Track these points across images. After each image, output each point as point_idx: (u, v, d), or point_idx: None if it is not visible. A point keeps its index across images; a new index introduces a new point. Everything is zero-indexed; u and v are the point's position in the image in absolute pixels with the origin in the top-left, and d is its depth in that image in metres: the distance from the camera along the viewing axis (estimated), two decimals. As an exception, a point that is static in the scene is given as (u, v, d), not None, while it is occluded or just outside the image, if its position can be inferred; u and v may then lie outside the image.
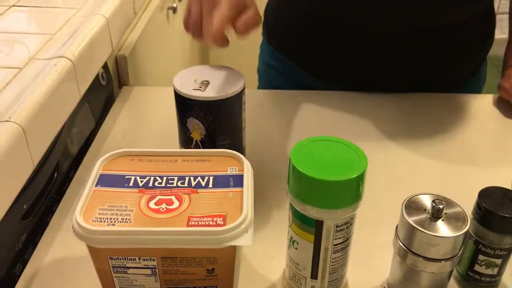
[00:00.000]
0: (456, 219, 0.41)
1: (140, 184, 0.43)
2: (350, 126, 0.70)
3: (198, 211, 0.40)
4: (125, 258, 0.40)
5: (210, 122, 0.53)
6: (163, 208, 0.40)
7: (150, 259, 0.40)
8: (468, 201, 0.44)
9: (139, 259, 0.40)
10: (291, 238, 0.42)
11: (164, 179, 0.44)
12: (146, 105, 0.75)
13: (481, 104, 0.76)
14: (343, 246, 0.41)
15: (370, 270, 0.48)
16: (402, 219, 0.42)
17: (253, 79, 0.87)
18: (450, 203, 0.42)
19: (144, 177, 0.44)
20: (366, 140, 0.66)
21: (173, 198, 0.42)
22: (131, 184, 0.43)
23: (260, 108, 0.74)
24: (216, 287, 0.42)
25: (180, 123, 0.54)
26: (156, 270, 0.41)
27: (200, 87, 0.52)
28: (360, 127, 0.70)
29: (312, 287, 0.43)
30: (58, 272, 0.48)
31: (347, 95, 0.76)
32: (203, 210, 0.40)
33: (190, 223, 0.39)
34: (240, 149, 0.56)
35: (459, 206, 0.42)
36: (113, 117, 0.72)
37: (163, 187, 0.43)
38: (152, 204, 0.41)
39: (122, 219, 0.39)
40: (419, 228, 0.40)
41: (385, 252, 0.46)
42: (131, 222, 0.39)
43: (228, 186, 0.43)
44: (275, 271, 0.48)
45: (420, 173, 0.62)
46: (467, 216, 0.41)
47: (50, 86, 0.53)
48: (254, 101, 0.73)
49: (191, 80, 0.54)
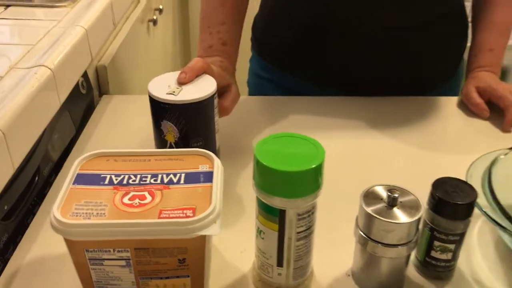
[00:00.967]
0: (410, 207, 0.44)
1: (115, 182, 0.45)
2: (325, 126, 0.73)
3: (169, 205, 0.43)
4: (100, 250, 0.42)
5: (183, 125, 0.56)
6: (136, 203, 0.43)
7: (124, 250, 0.42)
8: (426, 191, 0.47)
9: (113, 250, 0.42)
10: (258, 228, 0.45)
11: (138, 177, 0.46)
12: (125, 112, 0.78)
13: (449, 105, 0.79)
14: (306, 234, 0.44)
15: (335, 259, 0.51)
16: (361, 209, 0.45)
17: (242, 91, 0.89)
18: (404, 192, 0.45)
19: (118, 175, 0.46)
20: (335, 137, 0.70)
21: (146, 193, 0.44)
22: (106, 182, 0.45)
23: (248, 114, 0.76)
24: (188, 276, 0.45)
25: (155, 126, 0.57)
26: (130, 261, 0.43)
27: (173, 91, 0.55)
28: (334, 126, 0.73)
29: (279, 274, 0.46)
30: (38, 270, 0.50)
31: (330, 99, 0.80)
32: (174, 204, 0.43)
33: (161, 216, 0.41)
34: (214, 150, 0.59)
35: (413, 195, 0.45)
36: (93, 124, 0.75)
37: (136, 184, 0.45)
38: (126, 200, 0.43)
39: (97, 213, 0.42)
40: (376, 216, 0.43)
41: (349, 242, 0.49)
42: (105, 216, 0.41)
43: (198, 182, 0.46)
44: (246, 263, 0.50)
45: (383, 166, 0.65)
46: (420, 204, 0.44)
47: (31, 93, 0.56)
48: (243, 107, 0.76)
49: (165, 85, 0.57)
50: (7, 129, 0.50)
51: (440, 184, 0.46)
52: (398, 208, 0.44)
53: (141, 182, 0.45)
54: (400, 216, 0.43)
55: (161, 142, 0.57)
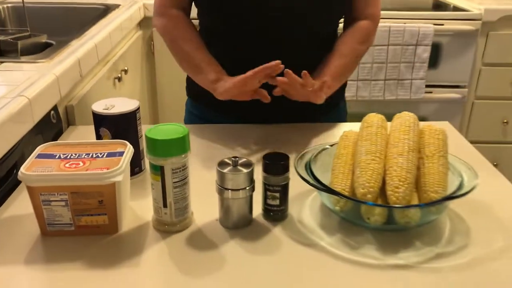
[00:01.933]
0: (245, 166, 0.71)
1: (62, 157, 0.72)
2: (231, 142, 1.01)
3: (94, 167, 0.69)
4: (49, 194, 0.68)
5: (114, 130, 0.83)
6: (72, 166, 0.69)
7: (64, 194, 0.68)
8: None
9: (57, 194, 0.68)
10: (152, 184, 0.71)
11: (77, 154, 0.73)
12: (84, 136, 1.05)
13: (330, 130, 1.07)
14: (180, 184, 0.70)
15: (210, 209, 0.76)
16: (217, 170, 0.71)
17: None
18: (243, 159, 0.72)
19: (64, 154, 0.73)
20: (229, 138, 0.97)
21: (80, 162, 0.70)
22: (56, 157, 0.72)
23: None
24: (105, 214, 0.70)
25: (96, 132, 0.84)
26: (68, 202, 0.69)
27: (108, 108, 0.83)
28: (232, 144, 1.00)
29: (165, 213, 0.71)
30: (12, 220, 0.75)
31: (238, 126, 1.08)
32: (97, 166, 0.69)
33: (87, 171, 0.68)
34: (138, 150, 0.86)
35: (249, 160, 0.72)
36: (60, 144, 1.01)
37: (74, 158, 0.71)
38: (67, 165, 0.70)
39: (48, 171, 0.68)
40: (225, 171, 0.70)
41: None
42: (52, 171, 0.68)
43: (115, 156, 0.72)
44: (150, 215, 0.76)
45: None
46: (252, 163, 0.71)
47: (13, 112, 0.83)
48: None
49: (103, 105, 0.84)
50: (-5, 129, 0.77)
51: (268, 155, 0.73)
52: (238, 166, 0.70)
53: (77, 157, 0.72)
54: (239, 170, 0.70)
55: (100, 143, 0.84)
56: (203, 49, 1.03)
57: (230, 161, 0.71)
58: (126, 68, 1.58)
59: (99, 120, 0.82)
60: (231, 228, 0.73)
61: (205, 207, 0.76)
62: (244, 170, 0.70)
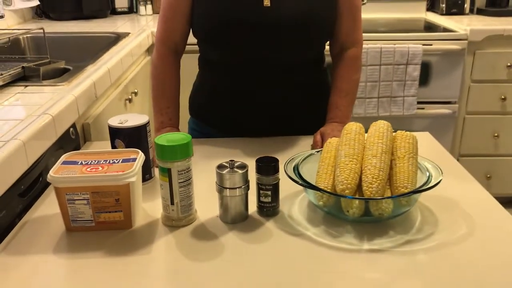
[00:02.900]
0: (241, 168, 0.82)
1: (84, 163, 0.84)
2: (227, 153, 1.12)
3: (111, 170, 0.81)
4: (73, 194, 0.79)
5: (127, 141, 0.95)
6: (93, 170, 0.81)
7: (86, 193, 0.80)
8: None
9: (80, 193, 0.80)
10: (160, 184, 0.82)
11: (96, 161, 0.84)
12: (98, 149, 1.17)
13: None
14: (185, 184, 0.81)
15: (211, 207, 0.87)
16: (216, 172, 0.82)
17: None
18: (239, 162, 0.83)
19: (86, 161, 0.85)
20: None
21: (99, 167, 0.82)
22: (78, 163, 0.84)
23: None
24: (121, 211, 0.81)
25: (111, 143, 0.96)
26: (89, 201, 0.80)
27: (121, 122, 0.95)
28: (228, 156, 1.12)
29: (172, 210, 0.82)
30: (40, 221, 0.86)
31: (235, 139, 1.20)
32: (113, 169, 0.81)
33: (105, 174, 0.79)
34: (148, 159, 0.98)
35: (245, 163, 0.83)
36: (78, 157, 1.13)
37: (94, 164, 0.83)
38: (88, 169, 0.81)
39: (72, 174, 0.80)
40: (222, 172, 0.81)
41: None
42: (76, 174, 0.79)
43: (129, 161, 0.84)
44: (159, 214, 0.87)
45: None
46: (246, 166, 0.82)
47: (41, 126, 0.96)
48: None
49: (117, 120, 0.97)
50: (26, 141, 0.89)
51: (260, 158, 0.85)
52: (235, 168, 0.82)
53: (97, 163, 0.84)
54: (235, 171, 0.81)
55: (115, 153, 0.96)
56: (168, 98, 1.20)
57: (227, 164, 0.83)
58: (136, 90, 1.72)
59: (114, 132, 0.95)
60: (230, 223, 0.84)
61: (207, 205, 0.88)
62: (240, 171, 0.81)
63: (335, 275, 0.72)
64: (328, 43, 1.24)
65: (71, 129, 1.16)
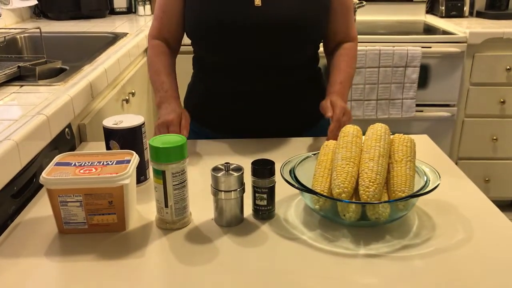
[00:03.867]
0: (236, 171, 0.81)
1: (77, 165, 0.83)
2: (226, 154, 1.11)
3: (104, 172, 0.80)
4: (66, 196, 0.78)
5: (122, 143, 0.94)
6: (87, 171, 0.80)
7: (79, 195, 0.79)
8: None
9: (73, 195, 0.78)
10: (155, 186, 0.81)
11: (90, 162, 0.83)
12: (94, 150, 1.16)
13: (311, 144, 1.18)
14: (179, 187, 0.80)
15: (206, 210, 0.86)
16: (211, 175, 0.81)
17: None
18: (234, 165, 0.82)
19: (79, 162, 0.83)
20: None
21: (93, 168, 0.81)
22: (72, 165, 0.83)
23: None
24: (114, 214, 0.80)
25: (106, 145, 0.95)
26: (82, 203, 0.79)
27: (116, 123, 0.94)
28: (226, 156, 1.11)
29: (166, 213, 0.81)
30: (32, 222, 0.85)
31: (230, 140, 1.19)
32: (107, 171, 0.80)
33: (99, 175, 0.78)
34: (143, 160, 0.97)
35: (241, 166, 0.82)
36: (73, 158, 1.12)
37: (88, 165, 0.82)
38: (81, 171, 0.80)
39: (65, 175, 0.78)
40: (217, 175, 0.80)
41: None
42: (69, 176, 0.78)
43: (123, 163, 0.83)
44: (153, 216, 0.86)
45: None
46: (242, 168, 0.81)
47: (34, 127, 0.95)
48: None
49: (112, 121, 0.96)
50: (20, 141, 0.88)
51: (256, 161, 0.84)
52: (230, 171, 0.81)
53: (90, 164, 0.83)
54: (230, 174, 0.80)
55: (110, 154, 0.95)
56: (161, 74, 1.18)
57: (223, 166, 0.82)
58: (133, 91, 1.71)
59: (109, 133, 0.94)
60: (224, 226, 0.83)
61: (202, 208, 0.87)
62: (235, 174, 0.80)
63: (330, 281, 0.71)
64: (322, 43, 1.24)
65: (67, 129, 1.15)
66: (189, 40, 1.21)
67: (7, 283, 0.71)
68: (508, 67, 2.14)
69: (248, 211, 0.86)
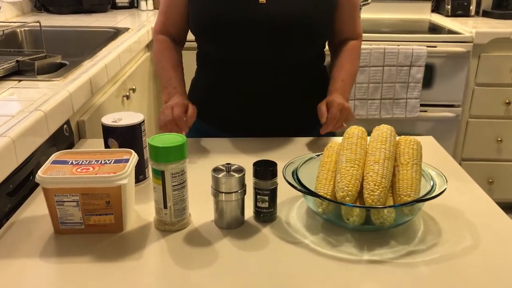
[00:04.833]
0: (237, 172, 0.79)
1: (74, 163, 0.80)
2: (229, 152, 1.09)
3: (102, 171, 0.77)
4: (62, 195, 0.76)
5: (121, 141, 0.92)
6: (84, 170, 0.78)
7: (75, 195, 0.76)
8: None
9: (69, 195, 0.76)
10: (153, 187, 0.79)
11: (87, 161, 0.81)
12: (93, 148, 1.13)
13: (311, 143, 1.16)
14: (179, 187, 0.78)
15: (206, 211, 0.84)
16: (212, 175, 0.79)
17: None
18: (236, 165, 0.80)
19: (76, 161, 0.81)
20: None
21: (90, 168, 0.79)
22: (69, 163, 0.80)
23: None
24: (112, 214, 0.78)
25: (104, 143, 0.93)
26: (79, 203, 0.77)
27: (115, 121, 0.92)
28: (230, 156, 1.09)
29: (165, 214, 0.79)
30: (28, 221, 0.83)
31: (232, 139, 1.16)
32: (105, 171, 0.78)
33: (96, 175, 0.76)
34: (142, 159, 0.94)
35: (242, 167, 0.80)
36: (71, 155, 1.10)
37: (85, 164, 0.80)
38: (78, 170, 0.78)
39: (62, 174, 0.76)
40: (218, 176, 0.78)
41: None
42: (66, 175, 0.76)
43: (121, 162, 0.81)
44: (152, 217, 0.84)
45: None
46: (243, 169, 0.79)
47: (32, 123, 0.93)
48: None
49: (111, 118, 0.93)
50: (16, 138, 0.86)
51: (258, 162, 0.81)
52: (231, 172, 0.79)
53: (88, 163, 0.80)
54: (231, 175, 0.78)
55: (108, 152, 0.93)
56: (169, 70, 1.18)
57: (223, 167, 0.80)
58: (134, 87, 1.68)
59: (108, 131, 0.91)
60: (225, 228, 0.81)
61: (201, 209, 0.84)
62: (236, 175, 0.78)
63: (333, 287, 0.69)
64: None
65: (65, 126, 1.13)
66: (193, 36, 1.19)
67: (0, 284, 0.69)
68: (514, 68, 2.11)
69: (249, 213, 0.84)
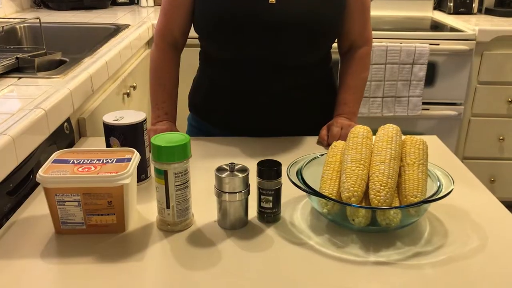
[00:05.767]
0: (241, 172, 0.77)
1: (75, 162, 0.79)
2: (230, 152, 1.08)
3: (104, 171, 0.76)
4: (63, 195, 0.75)
5: (123, 140, 0.90)
6: (85, 170, 0.76)
7: (77, 195, 0.75)
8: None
9: (71, 195, 0.75)
10: (156, 187, 0.78)
11: (89, 160, 0.80)
12: (94, 146, 1.13)
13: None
14: (182, 187, 0.77)
15: (209, 211, 0.82)
16: (215, 175, 0.78)
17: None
18: (239, 165, 0.78)
19: (78, 160, 0.80)
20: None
21: (92, 167, 0.78)
22: (70, 162, 0.79)
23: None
24: (114, 214, 0.77)
25: (106, 142, 0.92)
26: (80, 203, 0.76)
27: (117, 119, 0.91)
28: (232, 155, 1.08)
29: (168, 214, 0.78)
30: (27, 221, 0.82)
31: (236, 139, 1.15)
32: (107, 170, 0.76)
33: (98, 174, 0.75)
34: (144, 158, 0.93)
35: (246, 166, 0.78)
36: (72, 153, 1.09)
37: (87, 163, 0.79)
38: (80, 169, 0.77)
39: (63, 174, 0.75)
40: (221, 175, 0.77)
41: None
42: (67, 174, 0.75)
43: (123, 162, 0.79)
44: (154, 217, 0.82)
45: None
46: (247, 169, 0.78)
47: (32, 122, 0.91)
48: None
49: (113, 116, 0.92)
50: (16, 136, 0.84)
51: (262, 162, 0.80)
52: (235, 172, 0.77)
53: (89, 162, 0.79)
54: (235, 175, 0.77)
55: (109, 151, 0.91)
56: (164, 91, 1.17)
57: (227, 167, 0.78)
58: (135, 84, 1.67)
59: (109, 130, 0.90)
60: (228, 228, 0.80)
61: (204, 209, 0.83)
62: (240, 175, 0.77)
63: (339, 289, 0.68)
64: (336, 41, 1.20)
65: (65, 124, 1.11)
66: (195, 34, 1.17)
67: (0, 284, 0.68)
68: (516, 66, 2.10)
69: (252, 213, 0.83)
